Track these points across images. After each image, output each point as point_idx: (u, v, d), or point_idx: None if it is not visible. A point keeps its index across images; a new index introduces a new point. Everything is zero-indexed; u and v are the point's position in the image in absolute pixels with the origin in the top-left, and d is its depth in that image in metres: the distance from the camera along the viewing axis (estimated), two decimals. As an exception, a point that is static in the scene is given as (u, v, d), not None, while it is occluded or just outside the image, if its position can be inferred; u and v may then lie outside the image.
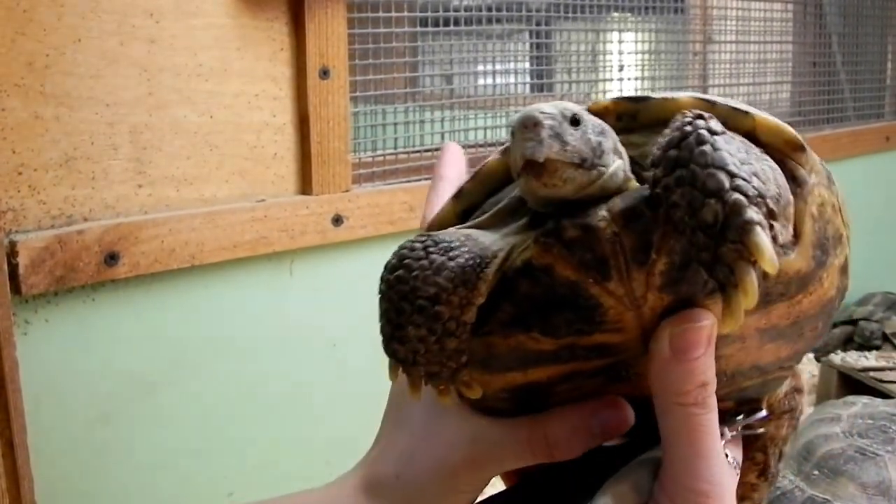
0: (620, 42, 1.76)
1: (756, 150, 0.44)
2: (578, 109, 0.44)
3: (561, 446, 0.52)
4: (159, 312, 1.10)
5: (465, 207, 0.53)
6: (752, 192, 0.40)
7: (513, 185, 0.51)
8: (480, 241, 0.47)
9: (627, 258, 0.44)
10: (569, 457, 0.52)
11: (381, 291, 0.46)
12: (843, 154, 2.13)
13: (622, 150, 0.47)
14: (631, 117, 0.51)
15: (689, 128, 0.42)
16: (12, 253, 0.95)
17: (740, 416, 0.57)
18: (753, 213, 0.40)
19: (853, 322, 1.95)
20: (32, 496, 0.97)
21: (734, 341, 0.49)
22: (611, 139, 0.45)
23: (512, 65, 1.65)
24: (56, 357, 1.02)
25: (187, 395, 1.13)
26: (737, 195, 0.40)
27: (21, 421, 0.96)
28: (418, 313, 0.45)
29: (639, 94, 0.51)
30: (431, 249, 0.46)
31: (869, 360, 1.72)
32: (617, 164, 0.45)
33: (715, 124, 0.42)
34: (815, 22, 2.17)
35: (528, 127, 0.42)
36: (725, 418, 0.54)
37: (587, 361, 0.49)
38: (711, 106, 0.49)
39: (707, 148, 0.41)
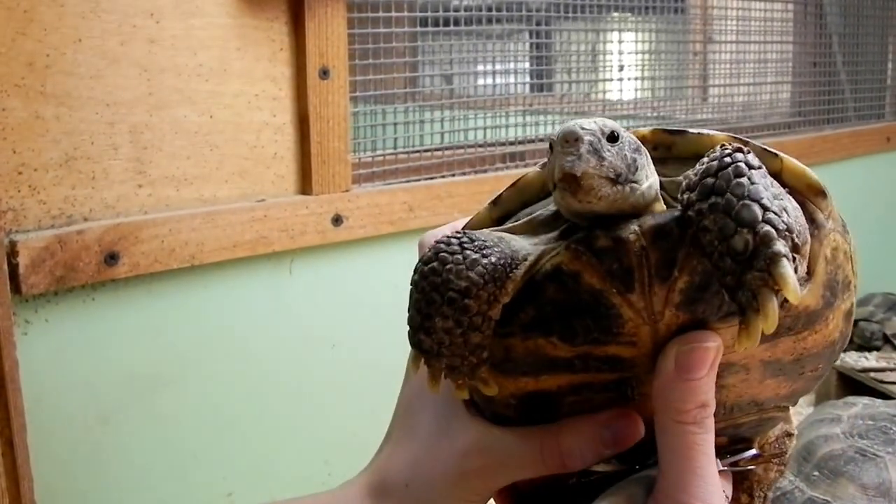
0: (620, 42, 1.76)
1: (783, 190, 0.46)
2: (617, 126, 0.46)
3: (574, 456, 0.53)
4: (159, 312, 1.10)
5: (501, 214, 0.55)
6: (781, 226, 0.42)
7: (547, 200, 0.54)
8: (513, 244, 0.49)
9: (651, 273, 0.46)
10: (579, 467, 0.53)
11: (413, 282, 0.48)
12: (844, 154, 2.13)
13: (652, 167, 0.48)
14: (666, 148, 0.53)
15: (728, 159, 0.44)
16: (12, 252, 0.95)
17: (731, 453, 0.59)
18: (781, 246, 0.42)
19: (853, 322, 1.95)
20: (32, 496, 0.97)
21: (738, 371, 0.51)
22: (645, 157, 0.47)
23: (512, 65, 1.65)
24: (56, 357, 1.02)
25: (187, 395, 1.13)
26: (768, 227, 0.42)
27: (21, 420, 0.96)
28: (448, 305, 0.47)
29: (676, 127, 0.54)
30: (467, 246, 0.48)
31: (869, 360, 1.72)
32: (650, 181, 0.47)
33: (753, 159, 0.44)
34: (815, 22, 2.17)
35: (568, 141, 0.44)
36: (718, 453, 0.55)
37: (598, 373, 0.50)
38: (744, 145, 0.51)
39: (744, 180, 0.43)
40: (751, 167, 0.43)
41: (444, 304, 0.47)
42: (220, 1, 1.10)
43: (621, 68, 1.73)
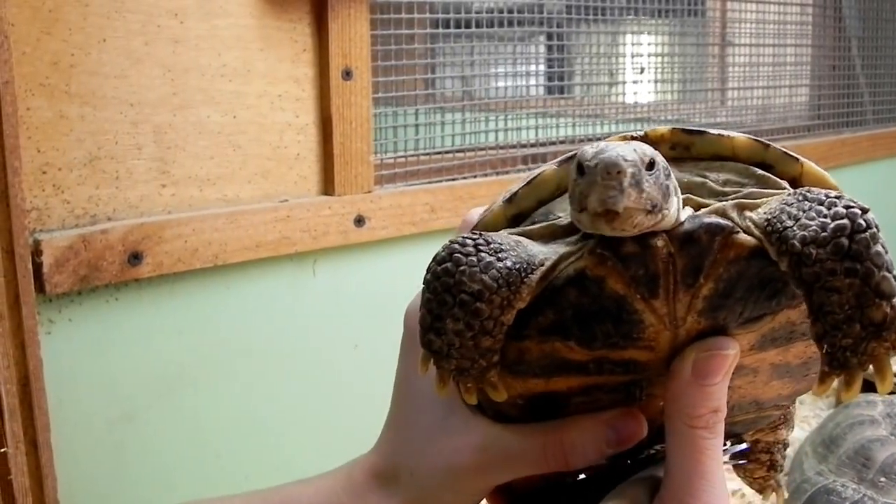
0: (635, 45, 1.75)
1: None
2: (654, 152, 0.45)
3: (577, 454, 0.53)
4: (182, 312, 1.10)
5: (516, 213, 0.54)
6: None
7: (563, 197, 0.52)
8: (529, 249, 0.48)
9: (677, 279, 0.46)
10: (582, 465, 0.53)
11: (425, 281, 0.48)
12: (863, 157, 2.13)
13: (677, 185, 0.48)
14: (685, 148, 0.52)
15: (862, 221, 0.43)
16: (36, 252, 0.95)
17: (725, 446, 0.59)
18: None
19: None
20: (55, 495, 0.97)
21: (747, 374, 0.52)
22: (672, 178, 0.46)
23: (531, 67, 1.65)
24: (79, 356, 1.02)
25: (209, 395, 1.13)
26: None
27: (44, 420, 0.96)
28: (459, 307, 0.46)
29: (696, 127, 0.53)
30: (482, 248, 0.47)
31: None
32: (676, 204, 0.46)
33: (876, 219, 0.44)
34: (834, 25, 2.17)
35: (611, 174, 0.42)
36: None
37: (610, 376, 0.50)
38: (765, 148, 0.52)
39: (881, 249, 0.43)
40: (879, 230, 0.44)
41: (455, 307, 0.46)
42: (243, 2, 1.10)
43: (641, 70, 1.72)
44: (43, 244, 0.95)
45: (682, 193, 0.49)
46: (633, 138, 0.52)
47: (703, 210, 0.48)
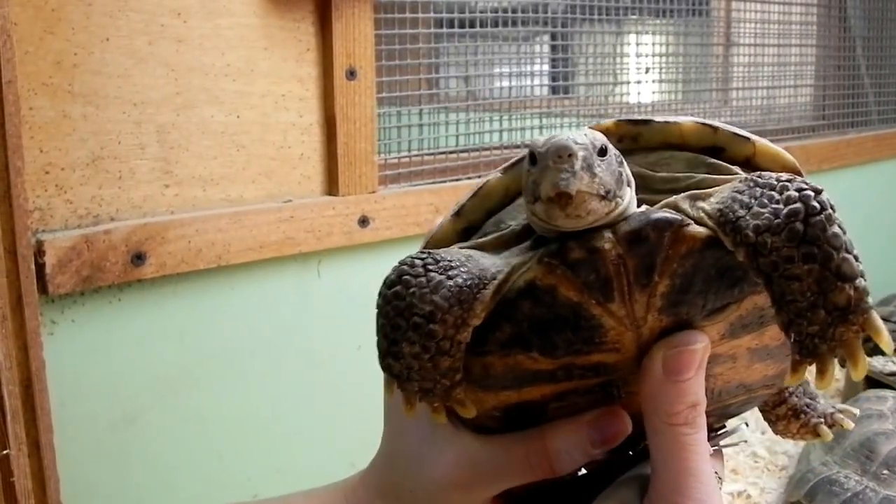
0: (639, 45, 1.75)
1: None
2: (605, 139, 0.44)
3: (562, 459, 0.52)
4: (185, 313, 1.09)
5: (466, 225, 0.53)
6: (866, 276, 0.42)
7: (513, 206, 0.52)
8: (481, 262, 0.47)
9: (631, 280, 0.45)
10: (568, 470, 0.52)
11: (378, 306, 0.47)
12: (867, 158, 2.12)
13: (631, 177, 0.47)
14: (632, 139, 0.51)
15: (815, 203, 0.42)
16: (39, 252, 0.95)
17: (721, 431, 0.59)
18: (870, 299, 0.41)
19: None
20: (58, 496, 0.97)
21: (725, 361, 0.51)
22: (626, 168, 0.46)
23: (536, 67, 1.65)
24: (82, 357, 1.02)
25: (212, 396, 1.13)
26: (864, 283, 0.41)
27: (47, 421, 0.95)
28: (413, 330, 0.45)
29: (641, 117, 0.52)
30: (431, 267, 0.46)
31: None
32: (629, 195, 0.45)
33: (830, 199, 0.42)
34: (839, 25, 2.16)
35: (562, 157, 0.42)
36: (708, 435, 0.55)
37: (582, 380, 0.49)
38: (714, 131, 0.51)
39: (837, 230, 0.41)
40: (834, 210, 0.42)
41: (409, 330, 0.45)
42: (246, 1, 1.10)
43: (647, 70, 1.72)
44: (46, 244, 0.95)
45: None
46: None
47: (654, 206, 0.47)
